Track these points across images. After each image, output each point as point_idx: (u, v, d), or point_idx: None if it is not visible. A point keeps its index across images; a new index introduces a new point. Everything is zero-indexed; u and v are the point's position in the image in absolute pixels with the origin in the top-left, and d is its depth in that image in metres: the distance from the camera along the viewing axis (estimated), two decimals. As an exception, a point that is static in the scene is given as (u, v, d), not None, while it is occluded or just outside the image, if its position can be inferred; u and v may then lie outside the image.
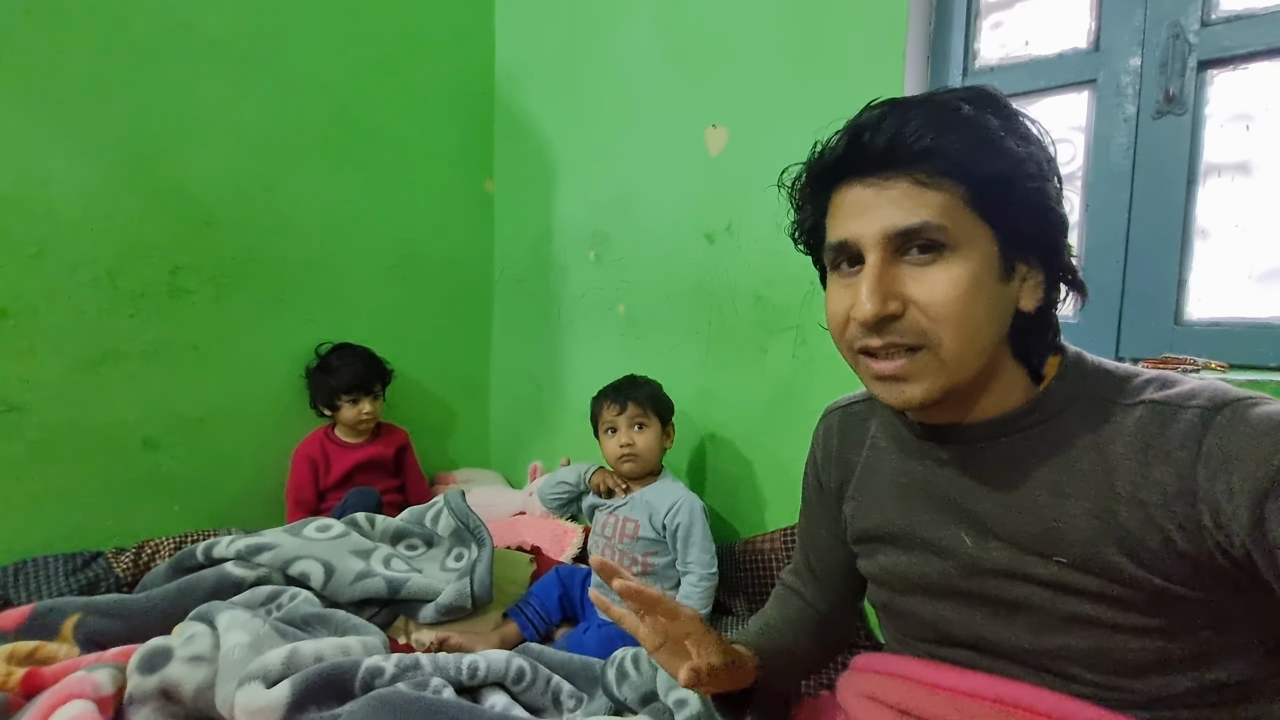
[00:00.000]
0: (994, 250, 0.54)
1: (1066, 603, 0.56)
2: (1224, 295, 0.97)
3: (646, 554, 1.20)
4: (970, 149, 0.52)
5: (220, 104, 1.47)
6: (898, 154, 0.53)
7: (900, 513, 0.66)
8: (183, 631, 0.96)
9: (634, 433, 1.26)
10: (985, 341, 0.55)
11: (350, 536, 1.25)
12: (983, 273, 0.54)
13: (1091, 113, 1.06)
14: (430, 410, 1.90)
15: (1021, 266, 0.56)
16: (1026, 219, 0.54)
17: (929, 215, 0.53)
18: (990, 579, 0.60)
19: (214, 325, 1.49)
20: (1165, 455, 0.51)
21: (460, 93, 1.90)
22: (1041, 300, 0.57)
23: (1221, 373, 0.90)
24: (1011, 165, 0.53)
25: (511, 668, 0.96)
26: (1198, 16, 0.96)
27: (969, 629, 0.62)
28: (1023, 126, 0.55)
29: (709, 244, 1.47)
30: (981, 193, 0.53)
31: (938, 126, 0.52)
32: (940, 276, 0.53)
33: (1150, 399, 0.54)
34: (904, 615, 0.69)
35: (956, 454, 0.62)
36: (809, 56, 1.28)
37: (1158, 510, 0.51)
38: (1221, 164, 0.96)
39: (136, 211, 1.38)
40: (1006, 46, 1.15)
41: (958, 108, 0.54)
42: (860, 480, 0.72)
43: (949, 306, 0.53)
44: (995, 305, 0.55)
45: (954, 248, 0.53)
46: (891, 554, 0.68)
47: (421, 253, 1.84)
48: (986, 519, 0.59)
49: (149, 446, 1.42)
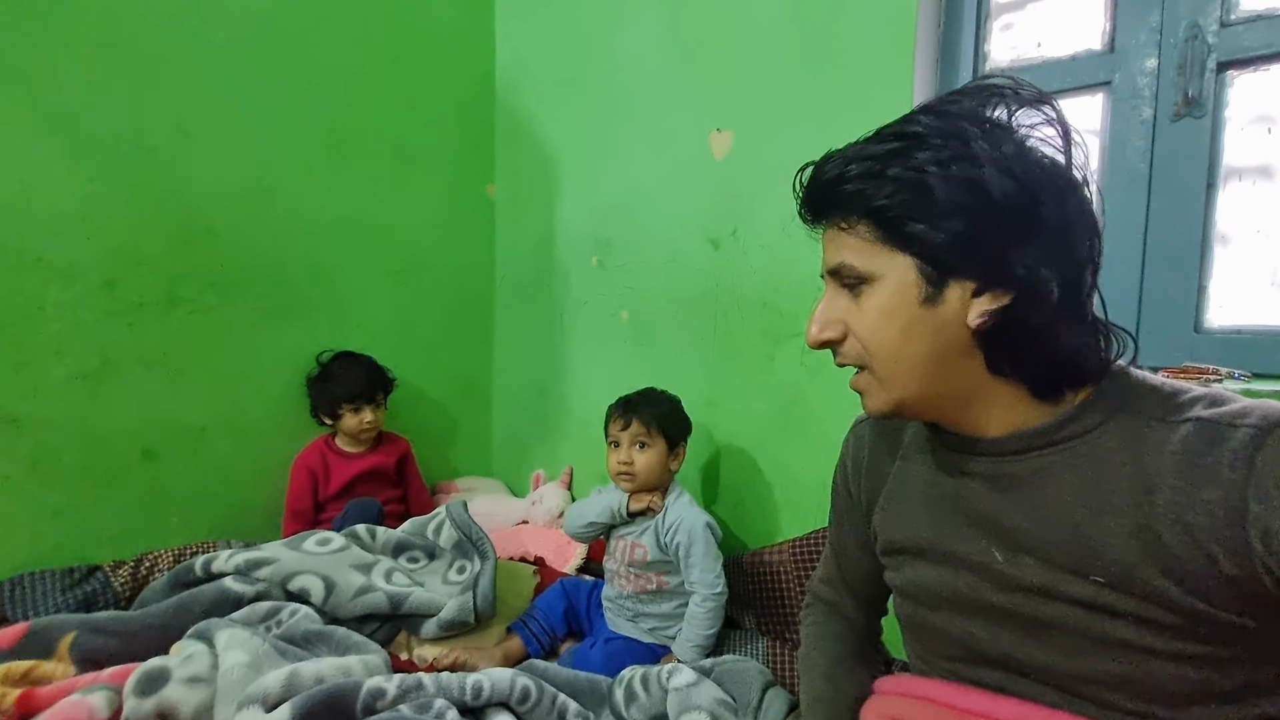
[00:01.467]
0: (911, 277, 0.56)
1: (1102, 624, 0.54)
2: (1245, 302, 0.94)
3: (660, 574, 1.18)
4: (868, 186, 0.56)
5: (220, 110, 1.46)
6: (820, 206, 0.61)
7: (929, 525, 0.65)
8: (181, 651, 0.95)
9: (634, 451, 1.18)
10: (910, 362, 0.58)
11: (351, 550, 1.23)
12: (896, 300, 0.57)
13: (1107, 116, 1.03)
14: (432, 418, 1.88)
15: (956, 284, 0.56)
16: (941, 243, 0.54)
17: (844, 256, 0.59)
18: (1022, 596, 0.58)
19: (214, 334, 1.48)
20: (1214, 475, 0.49)
21: (461, 97, 1.88)
22: (994, 316, 0.55)
23: (1246, 383, 0.88)
24: (914, 189, 0.54)
25: (516, 687, 0.93)
26: (1217, 16, 0.94)
27: (998, 648, 0.60)
28: (952, 143, 0.54)
29: (714, 249, 1.44)
30: (882, 226, 0.57)
31: (841, 171, 0.58)
32: (863, 307, 0.59)
33: (1198, 416, 0.51)
34: (931, 631, 0.67)
35: (987, 466, 0.61)
36: (816, 59, 1.25)
37: (1203, 531, 0.49)
38: (1242, 168, 0.94)
39: (135, 219, 1.37)
40: (1018, 48, 1.13)
41: (868, 149, 0.58)
42: (891, 491, 0.71)
43: (868, 333, 0.59)
44: (915, 330, 0.57)
45: (870, 281, 0.58)
46: (920, 567, 0.66)
47: (423, 259, 1.82)
48: (1018, 534, 0.58)
49: (148, 457, 1.41)
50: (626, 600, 1.20)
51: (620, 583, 1.20)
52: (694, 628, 1.12)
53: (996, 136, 0.54)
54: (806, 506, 1.31)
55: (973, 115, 0.56)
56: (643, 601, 1.18)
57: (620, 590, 1.20)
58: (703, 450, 1.47)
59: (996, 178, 0.53)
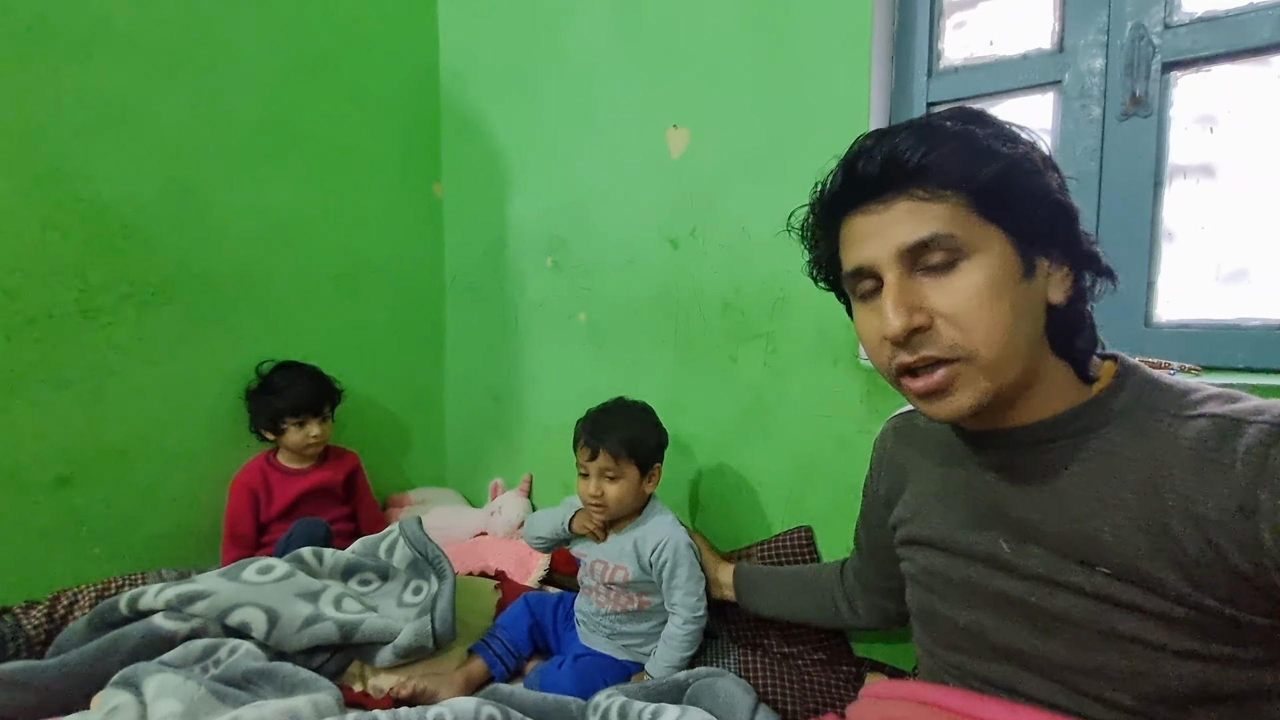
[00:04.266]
0: (1009, 250, 0.55)
1: (1109, 617, 0.54)
2: (1192, 297, 0.97)
3: (642, 594, 1.14)
4: (962, 158, 0.54)
5: (134, 104, 1.33)
6: (893, 176, 0.55)
7: (942, 516, 0.67)
8: (104, 703, 0.85)
9: (604, 482, 1.10)
10: (1019, 341, 0.55)
11: (296, 577, 1.15)
12: (1001, 274, 0.54)
13: (1057, 114, 1.05)
14: (381, 428, 1.79)
15: (1041, 261, 0.57)
16: (1033, 215, 0.55)
17: (937, 227, 0.54)
18: (1030, 585, 0.59)
19: (134, 347, 1.36)
20: (1226, 469, 0.49)
21: (403, 91, 1.79)
22: (1071, 291, 0.58)
23: (1195, 376, 0.90)
24: (1005, 166, 0.54)
25: (481, 717, 0.88)
26: (1160, 18, 0.96)
27: (1005, 639, 0.61)
28: (1009, 131, 0.57)
29: (673, 249, 1.41)
30: (982, 197, 0.54)
31: (927, 143, 0.54)
32: (960, 285, 0.54)
33: (1212, 412, 0.52)
34: (940, 621, 0.68)
35: (999, 459, 0.62)
36: (772, 56, 1.23)
37: (1213, 525, 0.49)
38: (1186, 166, 0.96)
39: (38, 223, 1.24)
40: (970, 47, 1.13)
41: (942, 124, 0.56)
42: (911, 485, 0.74)
43: (974, 313, 0.54)
44: (1021, 304, 0.55)
45: (968, 255, 0.54)
46: (932, 556, 0.68)
47: (366, 261, 1.73)
48: (1026, 525, 0.59)
49: (62, 484, 1.28)
50: (604, 618, 1.15)
51: (598, 599, 1.16)
52: (672, 649, 1.09)
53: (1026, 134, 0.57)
54: (773, 509, 1.29)
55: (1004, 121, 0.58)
56: (621, 620, 1.15)
57: (598, 607, 1.16)
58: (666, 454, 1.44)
59: (1048, 163, 0.57)
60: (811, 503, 1.25)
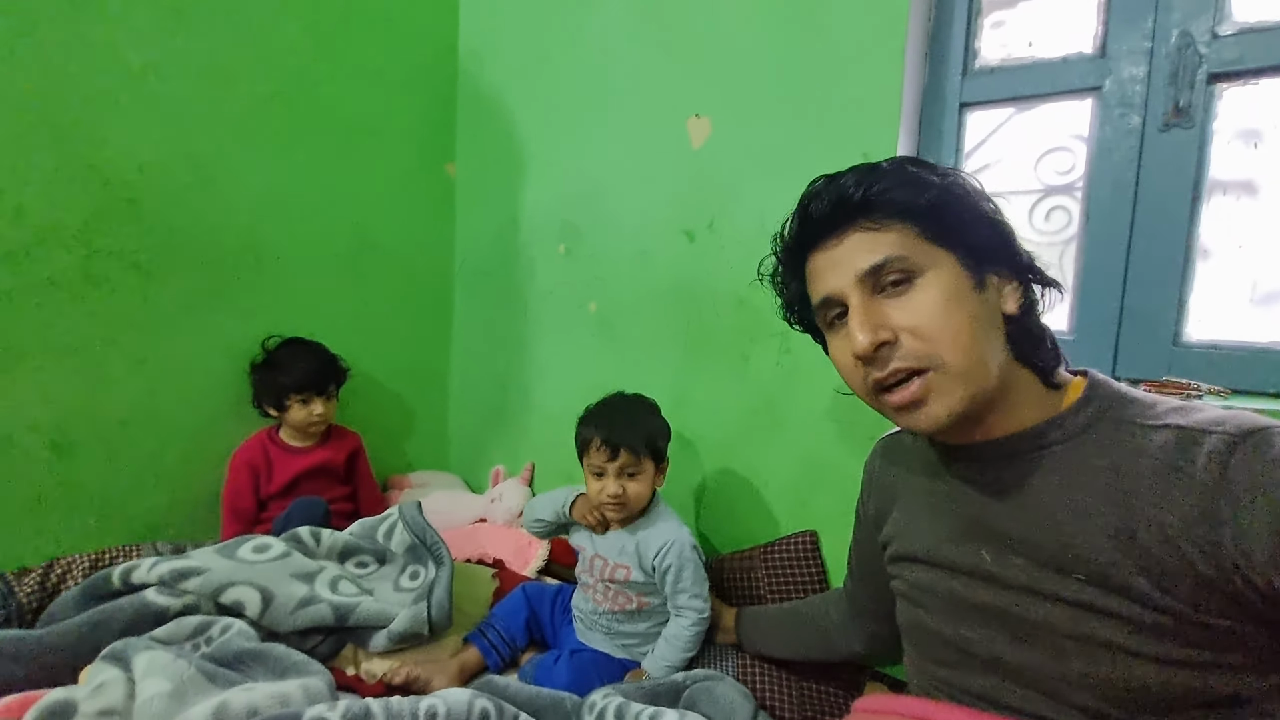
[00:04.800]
0: (958, 267, 0.60)
1: (1088, 624, 0.55)
2: (1224, 317, 0.94)
3: (641, 594, 1.11)
4: (901, 190, 0.60)
5: (145, 69, 1.30)
6: (843, 212, 0.62)
7: (928, 532, 0.69)
8: (91, 678, 0.84)
9: (624, 481, 1.08)
10: (983, 347, 0.59)
11: (292, 557, 1.13)
12: (955, 287, 0.59)
13: (1095, 122, 1.01)
14: (385, 409, 1.77)
15: (991, 277, 0.61)
16: (974, 234, 0.60)
17: (889, 250, 0.60)
18: (1011, 595, 0.60)
19: (137, 317, 1.33)
20: (1189, 478, 0.51)
21: (420, 67, 1.75)
22: (1022, 301, 0.62)
23: (1224, 399, 0.87)
24: (940, 192, 0.60)
25: (474, 711, 0.87)
26: (1208, 27, 0.92)
27: (990, 650, 0.62)
28: (940, 168, 0.63)
29: (689, 242, 1.38)
30: (926, 222, 0.60)
31: (869, 181, 0.61)
32: (918, 299, 0.59)
33: (1176, 423, 0.54)
34: (927, 635, 0.69)
35: (977, 472, 0.64)
36: (802, 48, 1.20)
37: (1177, 532, 0.51)
38: (1227, 181, 0.93)
39: (45, 185, 1.21)
40: (1008, 47, 1.10)
41: (878, 165, 0.63)
42: (898, 504, 0.75)
43: (935, 324, 0.58)
44: (979, 313, 0.59)
45: (921, 272, 0.59)
46: (918, 570, 0.70)
47: (375, 240, 1.70)
48: (1006, 536, 0.61)
49: (59, 453, 1.26)
50: (602, 616, 1.13)
51: (595, 597, 1.14)
52: (674, 649, 1.07)
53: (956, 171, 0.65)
54: (778, 512, 1.27)
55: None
56: (620, 620, 1.13)
57: (596, 605, 1.14)
58: (670, 452, 1.42)
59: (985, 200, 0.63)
60: (818, 508, 1.23)
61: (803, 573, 1.19)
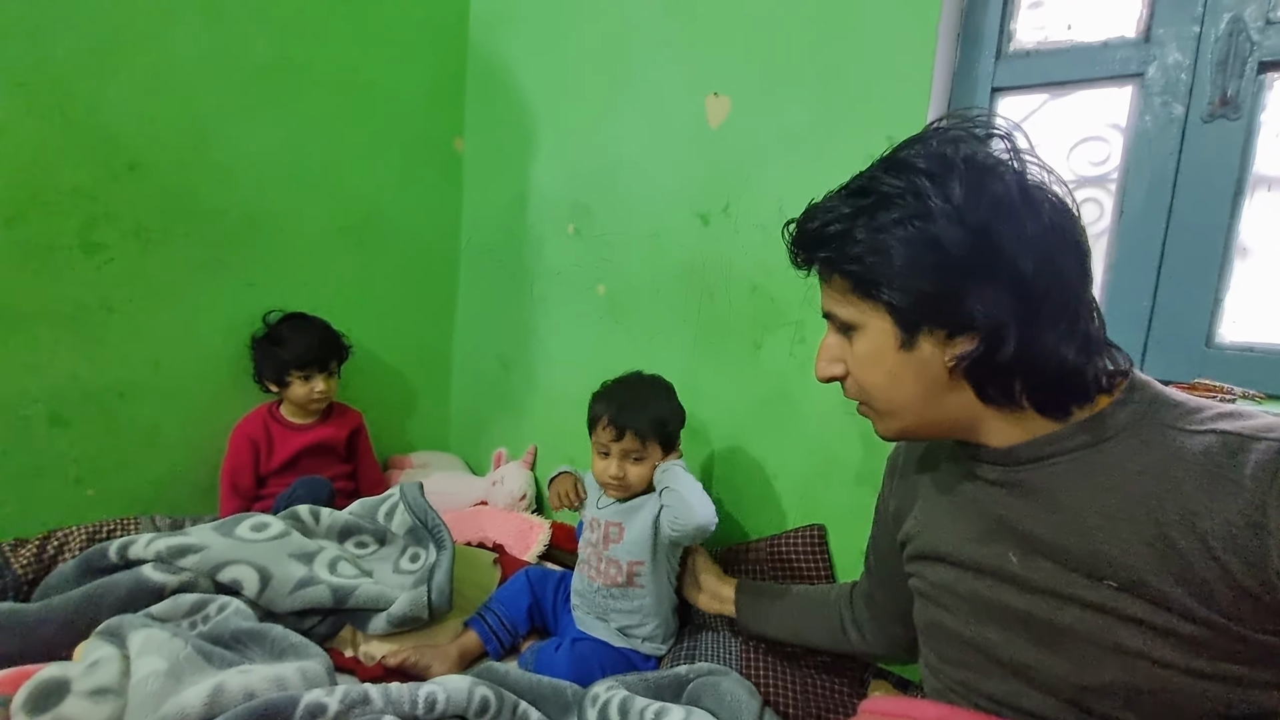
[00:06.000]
0: (887, 325, 0.61)
1: (1115, 632, 0.54)
2: (1261, 318, 0.90)
3: (631, 561, 1.09)
4: (840, 250, 0.61)
5: (147, 32, 1.26)
6: (805, 255, 0.66)
7: (952, 530, 0.68)
8: (86, 654, 0.82)
9: (627, 464, 1.07)
10: (902, 400, 0.63)
11: (291, 537, 1.11)
12: (878, 347, 0.62)
13: (1135, 110, 0.97)
14: (386, 387, 1.75)
15: (928, 335, 0.59)
16: (906, 303, 0.59)
17: (831, 305, 0.66)
18: (1037, 599, 0.58)
19: (136, 286, 1.30)
20: (1235, 485, 0.49)
21: (429, 37, 1.70)
22: (965, 358, 0.58)
23: (1259, 404, 0.84)
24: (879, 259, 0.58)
25: (474, 699, 0.85)
26: (1262, 12, 0.88)
27: (1011, 654, 0.60)
28: (908, 201, 0.57)
29: (703, 225, 1.34)
30: (855, 282, 0.61)
31: (816, 230, 0.63)
32: (855, 351, 0.64)
33: (1221, 429, 0.52)
34: (947, 636, 0.67)
35: (1006, 474, 0.63)
36: (828, 26, 1.15)
37: (1219, 540, 0.49)
38: (1272, 177, 0.89)
39: (42, 148, 1.18)
40: (1046, 29, 1.05)
41: (838, 209, 0.62)
42: (921, 499, 0.74)
43: (861, 375, 0.65)
44: (899, 372, 0.62)
45: (857, 327, 0.63)
46: (941, 570, 0.69)
47: (381, 214, 1.66)
48: (1033, 539, 0.59)
49: (57, 423, 1.24)
50: (597, 595, 1.12)
51: (590, 573, 1.12)
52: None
53: (946, 184, 0.56)
54: (787, 504, 1.25)
55: (929, 165, 0.57)
56: (613, 596, 1.11)
57: (589, 582, 1.12)
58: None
59: (948, 230, 0.55)
60: (827, 501, 1.20)
61: (810, 566, 1.17)
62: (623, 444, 1.06)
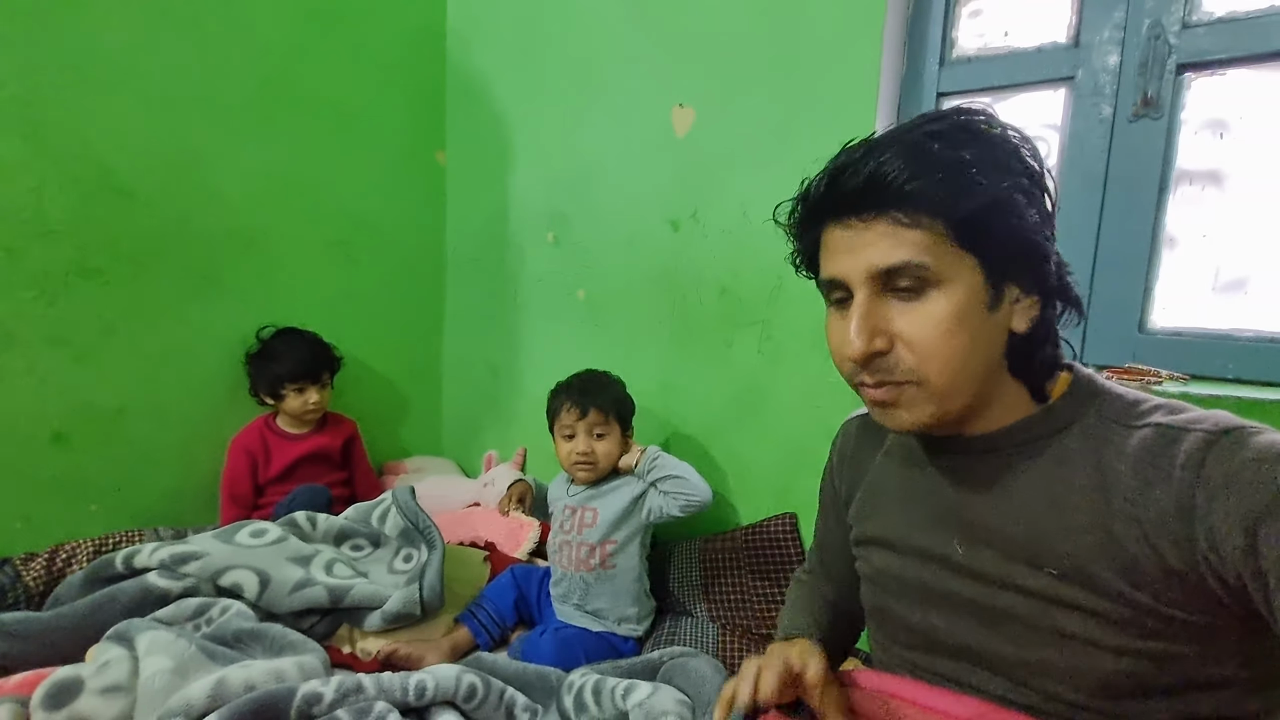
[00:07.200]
0: (979, 280, 0.55)
1: (1052, 616, 0.56)
2: (1188, 305, 0.96)
3: (604, 542, 1.17)
4: (945, 188, 0.53)
5: (133, 60, 1.32)
6: (875, 196, 0.54)
7: (900, 518, 0.68)
8: (97, 656, 0.88)
9: (593, 440, 1.19)
10: (972, 372, 0.56)
11: (288, 542, 1.17)
12: (968, 305, 0.55)
13: (1068, 112, 1.03)
14: (379, 397, 1.81)
15: (1010, 289, 0.57)
16: (1007, 247, 0.55)
17: (910, 254, 0.54)
18: (980, 586, 0.60)
19: (131, 307, 1.36)
20: (1166, 475, 0.51)
21: (408, 54, 1.76)
22: (1036, 319, 0.58)
23: (1183, 385, 0.90)
24: (989, 202, 0.53)
25: (462, 685, 0.91)
26: (1179, 17, 0.93)
27: (956, 637, 0.63)
28: (1004, 155, 0.55)
29: (673, 231, 1.40)
30: (960, 228, 0.54)
31: (912, 168, 0.53)
32: (925, 313, 0.55)
33: (1157, 421, 0.54)
34: (894, 620, 0.69)
35: (957, 463, 0.63)
36: (783, 38, 1.21)
37: (1153, 527, 0.51)
38: (1193, 171, 0.95)
39: (37, 179, 1.23)
40: (985, 36, 1.11)
41: (931, 147, 0.54)
42: (869, 486, 0.74)
43: (933, 343, 0.55)
44: (981, 336, 0.56)
45: (937, 283, 0.55)
46: (887, 557, 0.69)
47: (367, 229, 1.72)
48: (980, 527, 0.61)
49: (59, 442, 1.30)
50: (574, 584, 1.18)
51: (563, 562, 1.19)
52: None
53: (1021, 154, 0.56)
54: (760, 495, 1.31)
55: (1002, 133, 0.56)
56: (589, 582, 1.17)
57: (564, 571, 1.19)
58: (657, 436, 1.46)
59: (1035, 191, 0.55)
60: (798, 491, 1.26)
61: (782, 553, 1.23)
62: (588, 420, 1.18)
